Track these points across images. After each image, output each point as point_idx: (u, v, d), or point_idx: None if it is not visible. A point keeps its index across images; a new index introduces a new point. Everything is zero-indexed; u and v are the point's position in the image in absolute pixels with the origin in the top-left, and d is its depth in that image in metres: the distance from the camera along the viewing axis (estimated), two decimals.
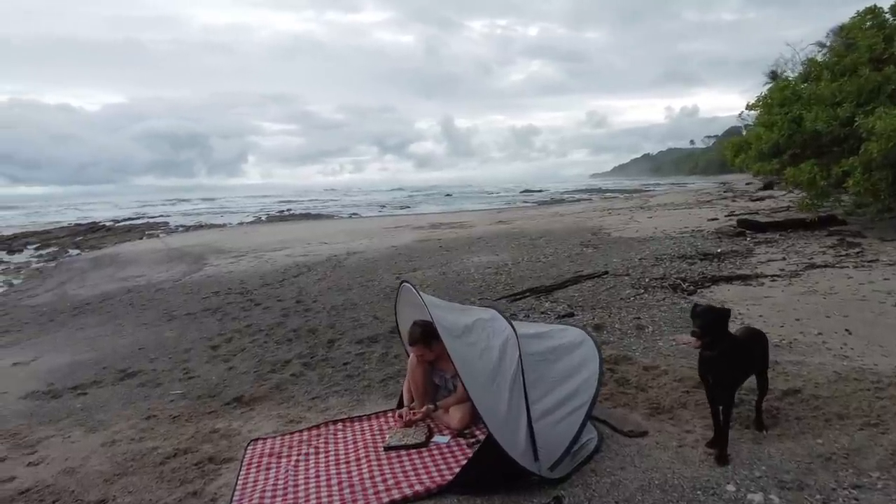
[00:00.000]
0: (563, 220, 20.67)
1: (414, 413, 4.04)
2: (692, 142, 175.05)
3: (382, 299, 8.48)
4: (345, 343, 6.49)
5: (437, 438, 3.87)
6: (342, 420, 4.34)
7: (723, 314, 3.29)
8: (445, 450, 3.70)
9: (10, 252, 21.05)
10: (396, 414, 4.16)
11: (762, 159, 11.92)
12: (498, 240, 14.96)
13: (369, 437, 4.00)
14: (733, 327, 6.05)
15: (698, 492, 2.97)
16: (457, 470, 3.40)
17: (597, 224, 17.69)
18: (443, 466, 3.47)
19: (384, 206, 46.65)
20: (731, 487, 2.97)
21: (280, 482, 3.47)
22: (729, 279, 7.74)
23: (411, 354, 4.19)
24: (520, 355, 3.38)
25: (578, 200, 41.23)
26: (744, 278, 7.72)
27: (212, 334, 7.39)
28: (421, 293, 3.60)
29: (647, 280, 8.02)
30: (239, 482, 3.52)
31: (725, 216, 17.06)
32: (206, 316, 8.48)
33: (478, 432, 3.88)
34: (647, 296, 7.21)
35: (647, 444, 3.54)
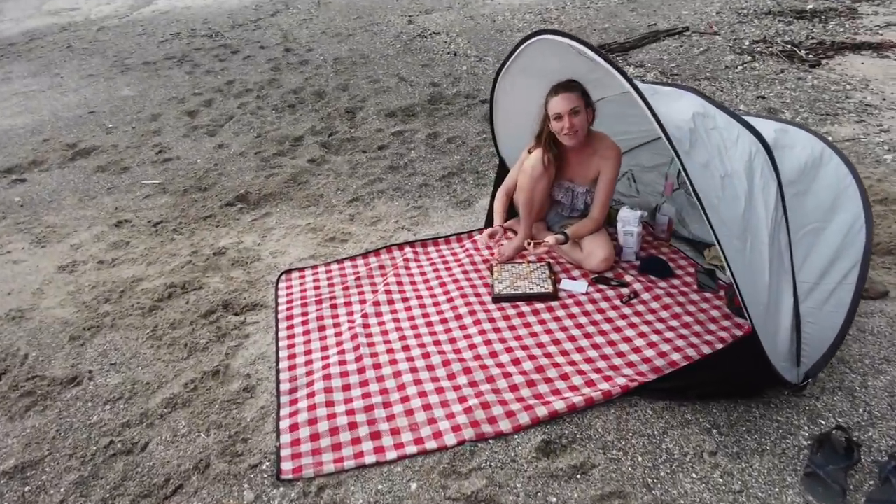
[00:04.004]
0: None
1: (533, 243, 2.69)
2: None
3: (401, 52, 6.57)
4: (370, 115, 4.86)
5: (568, 285, 2.61)
6: (411, 244, 3.01)
7: None
8: (591, 307, 2.46)
9: None
10: (493, 239, 2.79)
11: None
12: None
13: (461, 276, 2.72)
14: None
15: None
16: (624, 348, 2.21)
17: None
18: (600, 340, 2.26)
19: None
20: None
21: (350, 359, 2.24)
22: (854, 48, 6.02)
23: (531, 155, 2.68)
24: (779, 187, 1.94)
25: None
26: (874, 48, 6.00)
27: (184, 94, 5.59)
28: (609, 58, 1.94)
29: (746, 43, 6.23)
30: (282, 358, 2.29)
31: None
32: (170, 67, 6.51)
33: (628, 278, 2.62)
34: (758, 65, 5.54)
35: None
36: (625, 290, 2.55)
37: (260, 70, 6.21)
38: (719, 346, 2.19)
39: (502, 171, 3.10)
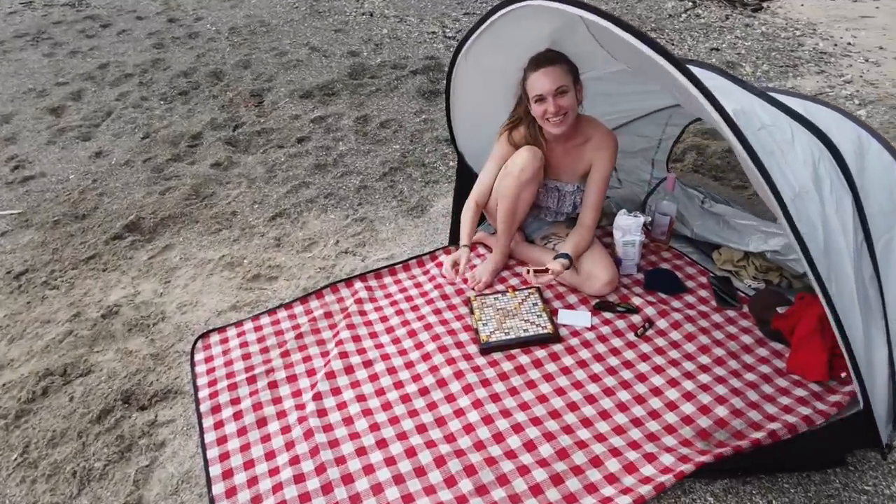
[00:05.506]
0: None
1: (533, 271, 2.13)
2: None
3: (307, 15, 5.71)
4: (282, 98, 4.09)
5: (567, 318, 2.12)
6: (361, 276, 2.40)
7: None
8: (601, 347, 1.99)
9: None
10: (456, 269, 2.22)
11: None
12: None
13: (433, 319, 2.16)
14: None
15: None
16: (656, 405, 1.76)
17: None
18: (625, 397, 1.80)
19: None
20: None
21: (308, 470, 1.66)
22: None
23: (519, 154, 2.12)
24: (855, 200, 1.50)
25: None
26: None
27: (44, 84, 4.55)
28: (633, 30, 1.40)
29: None
30: (215, 479, 1.67)
31: None
32: (24, 47, 5.34)
33: (635, 299, 2.16)
34: (701, 12, 5.17)
35: None
36: (636, 318, 2.09)
37: (140, 48, 5.19)
38: (766, 387, 1.79)
39: (463, 169, 2.52)
